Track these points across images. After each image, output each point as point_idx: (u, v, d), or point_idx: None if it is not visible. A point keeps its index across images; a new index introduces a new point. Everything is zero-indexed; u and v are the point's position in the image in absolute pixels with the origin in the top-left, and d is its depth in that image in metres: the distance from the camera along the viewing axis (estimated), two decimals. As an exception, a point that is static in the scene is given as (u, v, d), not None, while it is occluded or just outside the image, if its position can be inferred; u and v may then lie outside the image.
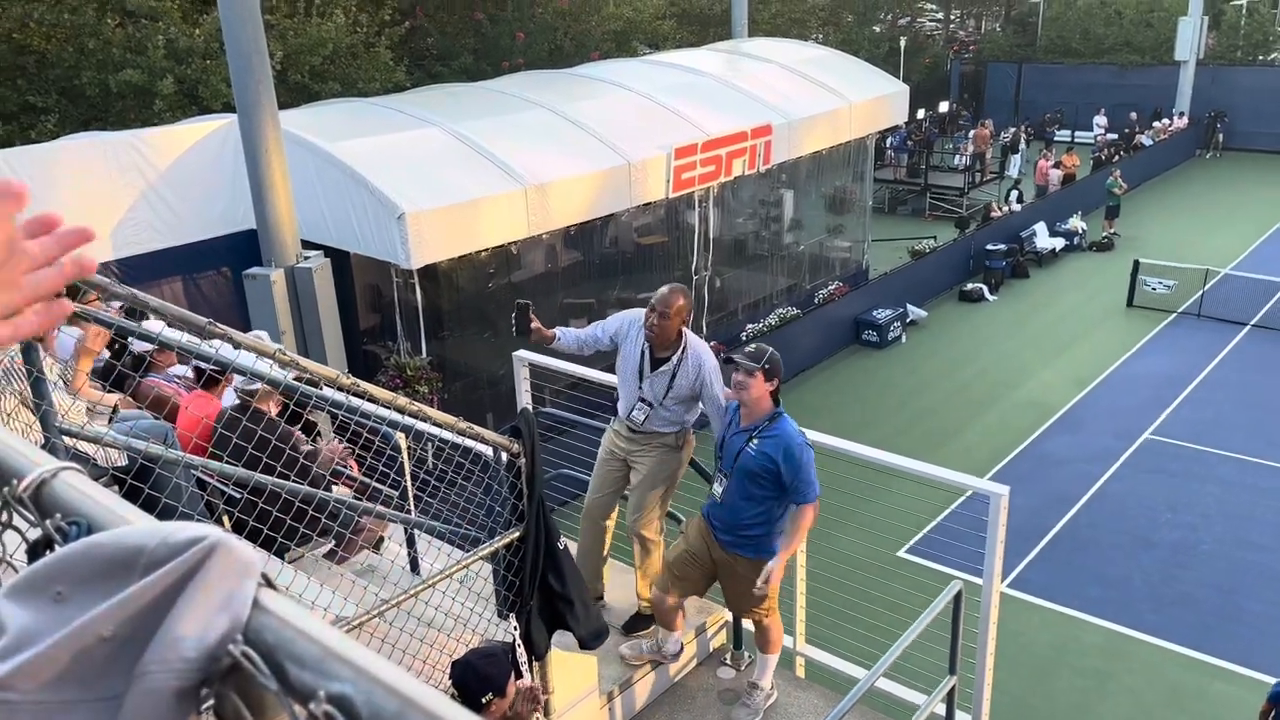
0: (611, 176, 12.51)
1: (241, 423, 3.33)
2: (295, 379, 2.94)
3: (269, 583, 0.59)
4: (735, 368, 4.22)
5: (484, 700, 3.07)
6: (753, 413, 4.28)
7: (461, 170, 11.32)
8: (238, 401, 3.90)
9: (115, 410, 3.71)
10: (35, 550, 0.66)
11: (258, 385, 3.83)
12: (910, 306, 16.99)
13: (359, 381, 2.76)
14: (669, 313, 4.51)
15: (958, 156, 25.15)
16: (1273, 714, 6.71)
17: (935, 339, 16.53)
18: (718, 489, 4.42)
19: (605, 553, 5.04)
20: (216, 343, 2.53)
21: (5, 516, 0.69)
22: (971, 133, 26.11)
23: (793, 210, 17.14)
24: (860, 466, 4.65)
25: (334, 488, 4.31)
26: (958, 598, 4.05)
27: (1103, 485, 11.65)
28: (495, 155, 11.60)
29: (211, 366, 3.98)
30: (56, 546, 0.64)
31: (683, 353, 4.59)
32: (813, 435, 4.51)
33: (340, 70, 16.09)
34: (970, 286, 18.33)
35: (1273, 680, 7.05)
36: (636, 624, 4.94)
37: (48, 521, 0.65)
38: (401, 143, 11.46)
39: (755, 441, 4.23)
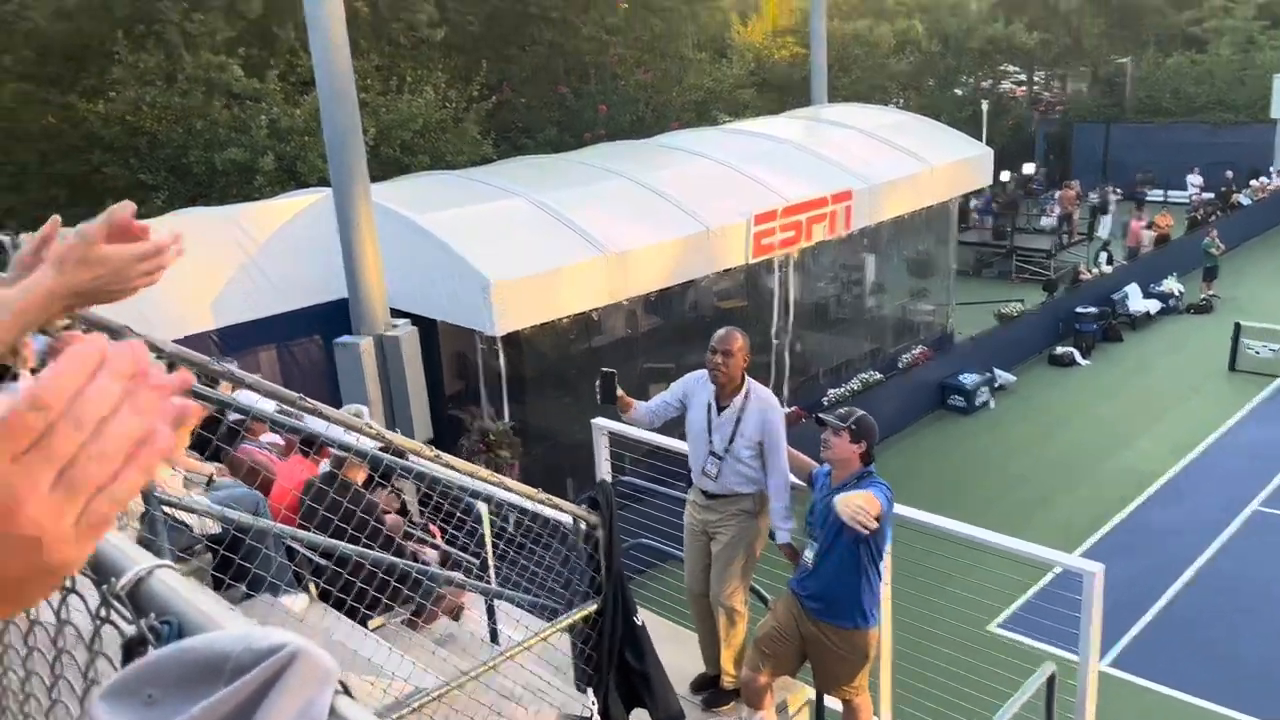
0: (691, 243, 12.63)
1: (328, 493, 3.41)
2: (382, 449, 3.01)
3: (345, 690, 0.61)
4: (822, 427, 4.18)
5: None
6: (842, 473, 4.26)
7: (544, 239, 11.56)
8: (327, 470, 4.00)
9: (211, 480, 3.85)
10: (130, 647, 0.69)
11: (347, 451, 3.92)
12: (998, 371, 16.60)
13: (441, 453, 2.82)
14: (732, 349, 4.57)
15: (1044, 218, 24.72)
16: None
17: (1025, 404, 16.09)
18: (808, 555, 4.35)
19: (714, 629, 4.93)
20: (308, 416, 2.61)
21: (104, 613, 0.72)
22: (1058, 194, 25.66)
23: (875, 274, 17.02)
24: (947, 540, 4.52)
25: (416, 556, 4.36)
26: (1051, 680, 3.88)
27: (1209, 559, 11.09)
28: (577, 224, 11.83)
29: (285, 431, 4.09)
30: (150, 645, 0.67)
31: (746, 397, 4.62)
32: (898, 508, 4.42)
33: (430, 144, 16.68)
34: (1060, 350, 17.85)
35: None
36: (719, 699, 4.85)
37: (142, 621, 0.68)
38: (487, 213, 11.78)
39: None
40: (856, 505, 3.84)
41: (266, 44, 16.47)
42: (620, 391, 4.68)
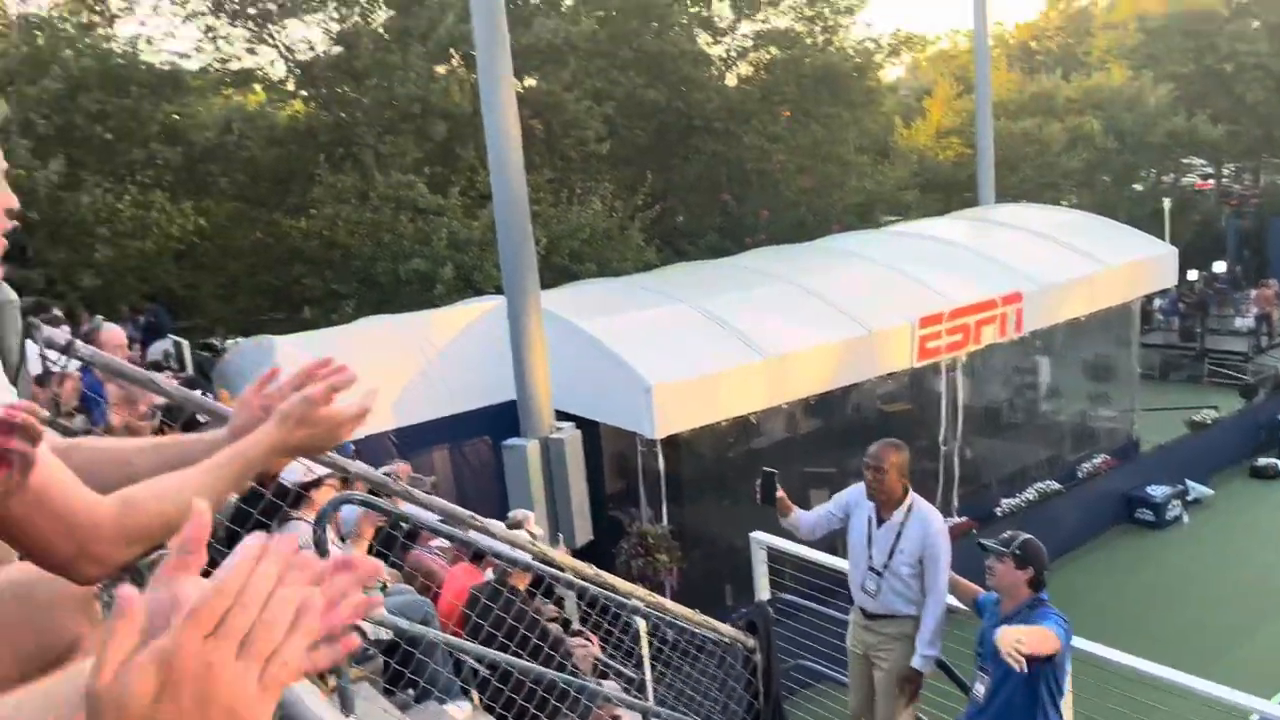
0: (852, 346, 12.50)
1: (493, 605, 3.52)
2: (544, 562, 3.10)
3: None
4: (984, 553, 4.03)
5: None
6: (1010, 603, 4.05)
7: (705, 343, 11.71)
8: (492, 580, 4.13)
9: (385, 585, 4.04)
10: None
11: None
12: (1191, 483, 15.41)
13: (601, 572, 2.88)
14: (884, 465, 4.50)
15: (1239, 318, 23.13)
16: None
17: (1223, 520, 14.81)
18: (979, 690, 4.11)
19: None
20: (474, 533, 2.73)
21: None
22: (1254, 293, 24.01)
23: (1050, 378, 16.29)
24: (1131, 680, 4.20)
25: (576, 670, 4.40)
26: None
27: None
28: (737, 328, 11.94)
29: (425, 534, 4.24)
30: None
31: (909, 512, 4.51)
32: (1077, 643, 4.15)
33: (596, 251, 17.33)
34: (1263, 462, 16.42)
35: None
36: None
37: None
38: (650, 318, 12.06)
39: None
40: (1015, 639, 3.63)
41: (449, 163, 17.68)
42: (781, 493, 4.66)
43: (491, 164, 9.91)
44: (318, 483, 4.06)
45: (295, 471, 3.57)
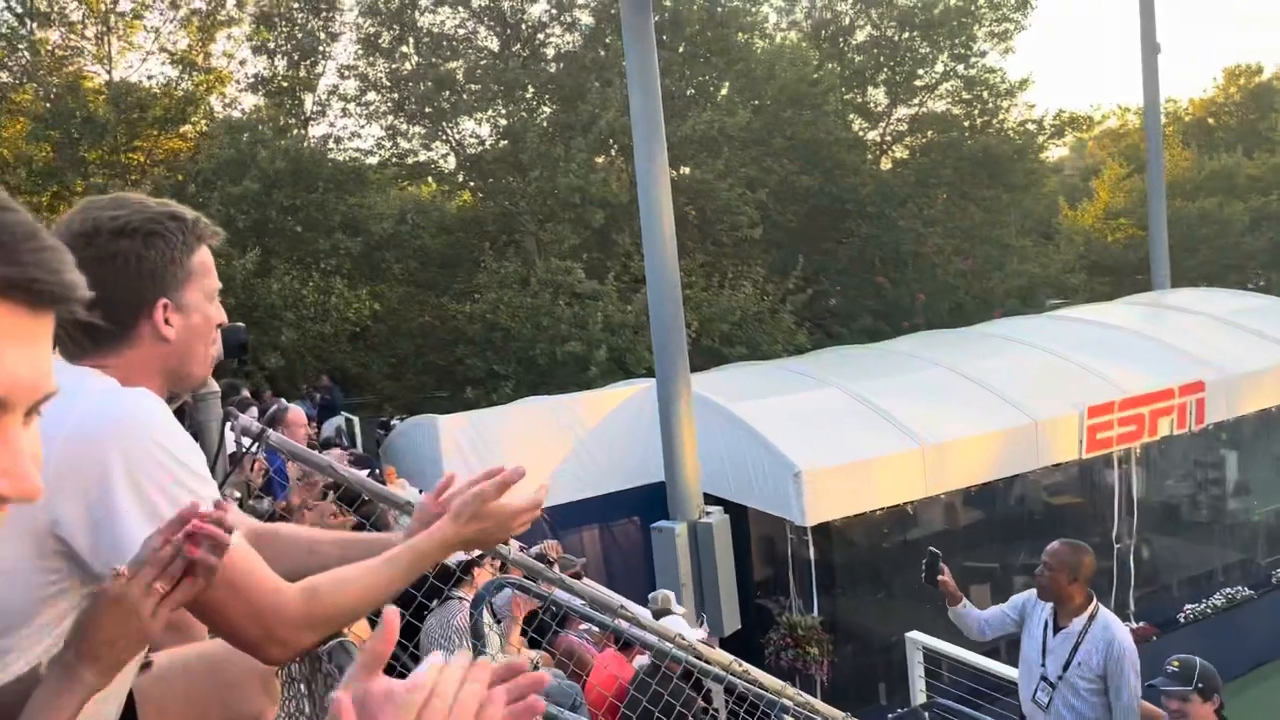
0: (1015, 436, 11.99)
1: (652, 686, 3.52)
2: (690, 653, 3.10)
3: None
4: (1163, 694, 3.70)
5: None
6: None
7: (858, 429, 11.49)
8: (650, 663, 4.13)
9: (536, 667, 4.09)
10: None
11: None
12: None
13: (750, 668, 2.85)
14: (1052, 563, 4.27)
15: None
16: None
17: None
18: None
19: None
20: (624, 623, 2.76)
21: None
22: None
23: (1237, 474, 15.09)
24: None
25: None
26: None
27: None
28: (892, 414, 11.67)
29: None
30: None
31: (1090, 620, 4.20)
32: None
33: (746, 335, 17.41)
34: None
35: None
36: None
37: None
38: (800, 402, 11.95)
39: None
40: None
41: (605, 249, 18.29)
42: (947, 576, 4.55)
43: (646, 248, 10.20)
44: (476, 562, 4.21)
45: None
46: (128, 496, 1.15)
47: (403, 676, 0.75)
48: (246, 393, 9.26)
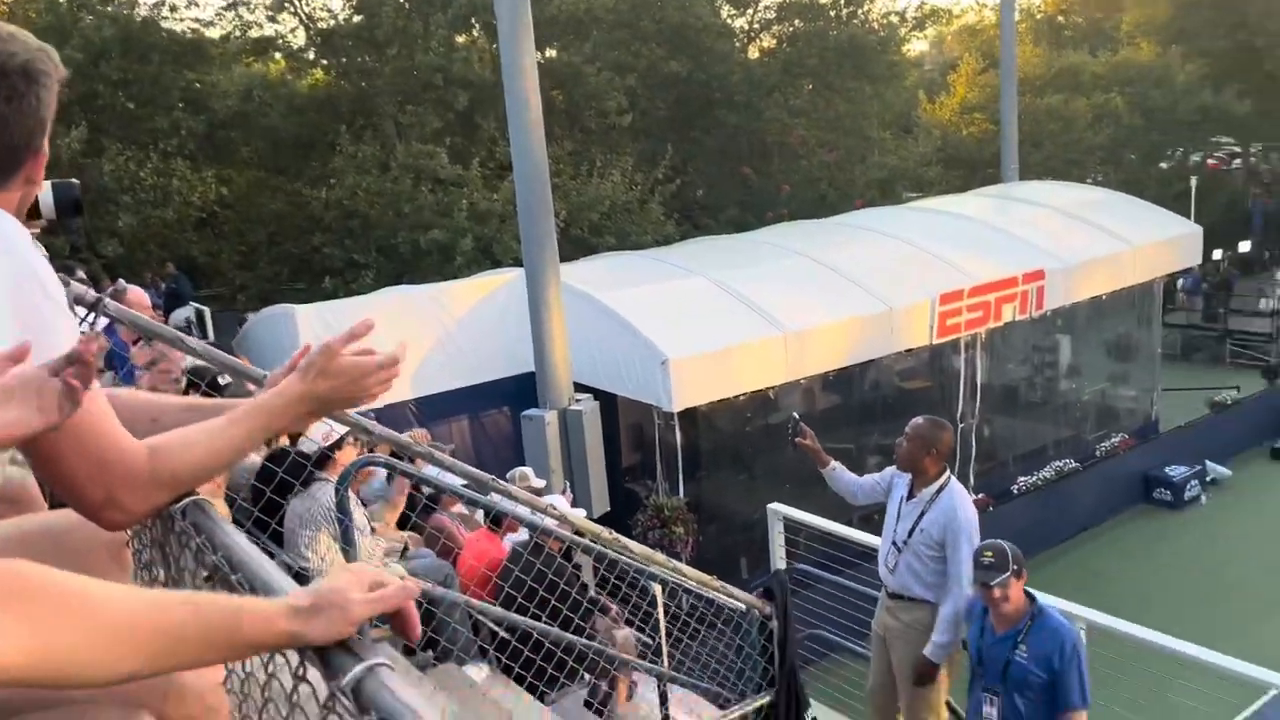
0: (872, 322, 12.45)
1: (532, 562, 3.55)
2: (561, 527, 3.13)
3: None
4: (979, 581, 3.82)
5: None
6: (1007, 613, 3.86)
7: (723, 317, 11.69)
8: (528, 539, 4.16)
9: (406, 549, 4.09)
10: (354, 742, 0.78)
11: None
12: (1210, 464, 15.32)
13: (620, 537, 2.90)
14: (912, 434, 4.49)
15: (1263, 300, 22.86)
16: None
17: (1242, 502, 14.73)
18: (989, 712, 3.91)
19: None
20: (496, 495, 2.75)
21: (330, 704, 0.82)
22: (1279, 274, 23.74)
23: (1070, 357, 16.17)
24: (1150, 653, 4.19)
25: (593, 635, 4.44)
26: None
27: None
28: (756, 302, 11.91)
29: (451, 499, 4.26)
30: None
31: (938, 492, 4.44)
32: (1092, 614, 4.15)
33: (616, 224, 17.30)
34: (1285, 443, 16.31)
35: None
36: None
37: (365, 719, 0.76)
38: (668, 291, 12.05)
39: (1023, 647, 3.79)
40: None
41: (469, 134, 17.66)
42: (809, 440, 4.69)
43: (512, 135, 9.90)
44: (340, 444, 4.10)
45: (319, 434, 3.60)
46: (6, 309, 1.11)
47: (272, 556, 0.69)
48: (83, 275, 8.64)
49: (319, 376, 1.33)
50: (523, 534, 4.27)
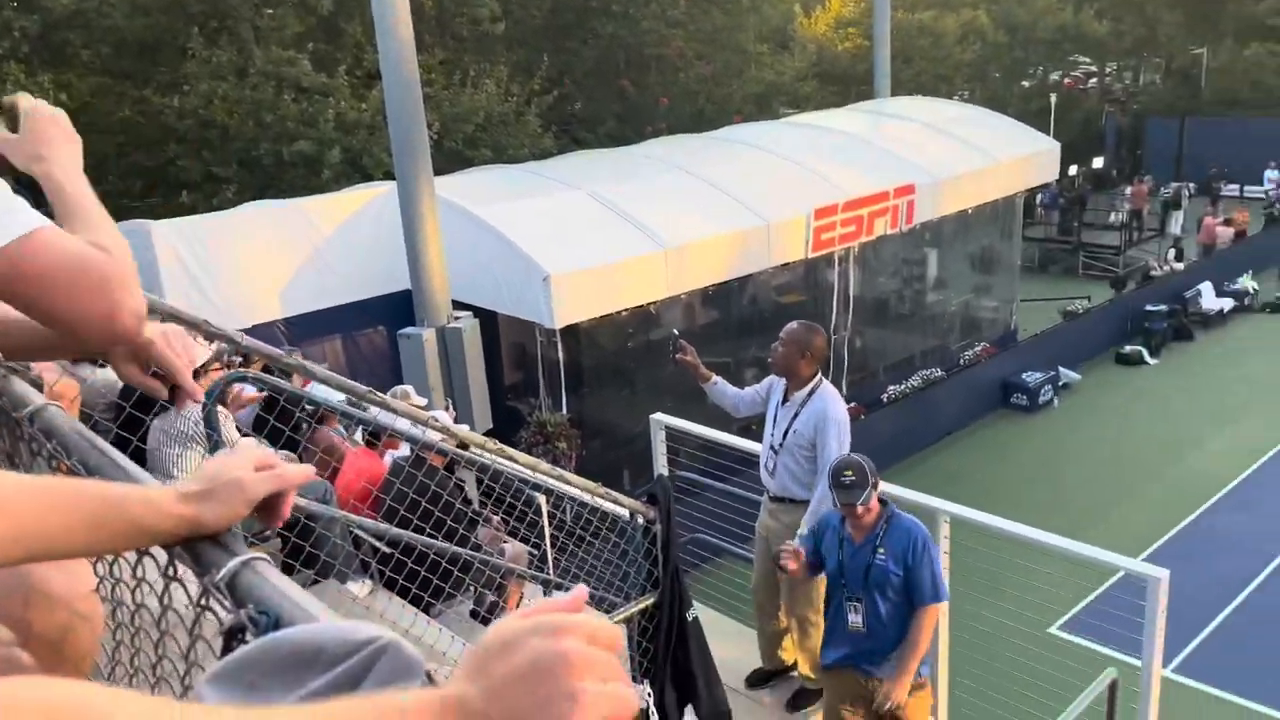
0: (750, 237, 12.60)
1: (414, 475, 3.49)
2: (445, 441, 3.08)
3: (432, 681, 0.65)
4: (844, 502, 3.86)
5: None
6: (864, 523, 3.96)
7: (603, 233, 11.63)
8: (410, 455, 4.09)
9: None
10: (230, 635, 0.74)
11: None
12: (1063, 369, 16.28)
13: (504, 447, 2.87)
14: (786, 339, 4.57)
15: (1114, 214, 24.16)
16: None
17: (1090, 404, 15.76)
18: (855, 620, 4.01)
19: (781, 629, 4.92)
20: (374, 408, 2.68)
21: (205, 601, 0.77)
22: (1129, 189, 25.06)
23: (937, 269, 16.79)
24: (1008, 542, 4.46)
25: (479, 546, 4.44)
26: (1113, 685, 3.83)
27: (1278, 566, 10.78)
28: (636, 218, 11.88)
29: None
30: (249, 634, 0.72)
31: (810, 394, 4.55)
32: (955, 508, 4.38)
33: (491, 137, 16.85)
34: (1128, 349, 17.44)
35: None
36: (801, 699, 4.83)
37: (242, 611, 0.73)
38: (547, 206, 11.87)
39: (881, 550, 3.92)
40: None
41: (334, 39, 16.78)
42: (684, 357, 4.70)
43: (380, 41, 9.43)
44: (206, 367, 3.93)
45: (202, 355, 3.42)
46: None
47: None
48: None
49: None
50: (404, 450, 4.20)
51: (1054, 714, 3.83)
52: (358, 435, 5.02)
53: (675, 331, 4.73)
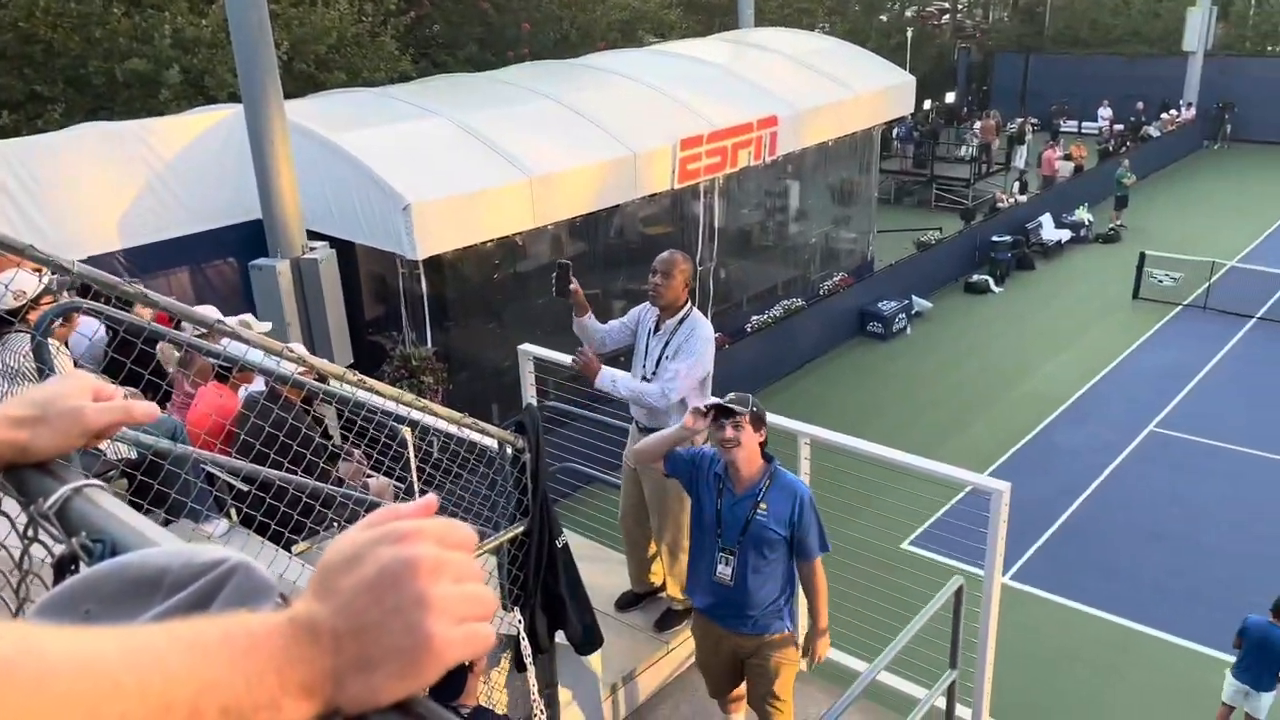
0: (616, 167, 12.52)
1: (269, 409, 3.35)
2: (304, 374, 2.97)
3: (285, 601, 0.61)
4: (717, 424, 3.75)
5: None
6: (747, 473, 3.85)
7: (466, 161, 11.33)
8: (265, 389, 3.92)
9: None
10: (61, 566, 0.68)
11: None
12: (915, 298, 16.99)
13: (365, 378, 2.79)
14: (671, 270, 4.50)
15: (964, 148, 25.10)
16: (1242, 647, 7.28)
17: (940, 331, 16.53)
18: (724, 571, 3.92)
19: (650, 554, 4.98)
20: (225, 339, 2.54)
21: (32, 532, 0.71)
22: (978, 124, 26.05)
23: (798, 202, 17.13)
24: (863, 461, 4.66)
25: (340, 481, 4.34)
26: (959, 593, 4.08)
27: (1108, 478, 11.67)
28: (500, 146, 11.61)
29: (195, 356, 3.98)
30: (82, 564, 0.66)
31: (681, 321, 4.55)
32: (815, 430, 4.53)
33: (346, 60, 16.07)
34: (976, 278, 18.32)
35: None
36: (670, 620, 4.94)
37: (73, 540, 0.67)
38: (406, 133, 11.47)
39: (763, 505, 3.84)
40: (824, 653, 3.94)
41: (169, -53, 15.53)
42: (576, 286, 4.61)
43: (219, -51, 8.80)
44: (37, 300, 3.66)
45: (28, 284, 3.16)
46: None
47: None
48: None
49: None
50: (259, 384, 4.03)
51: (905, 623, 4.05)
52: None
53: (561, 261, 4.58)
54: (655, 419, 4.60)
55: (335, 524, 3.75)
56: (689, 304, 4.60)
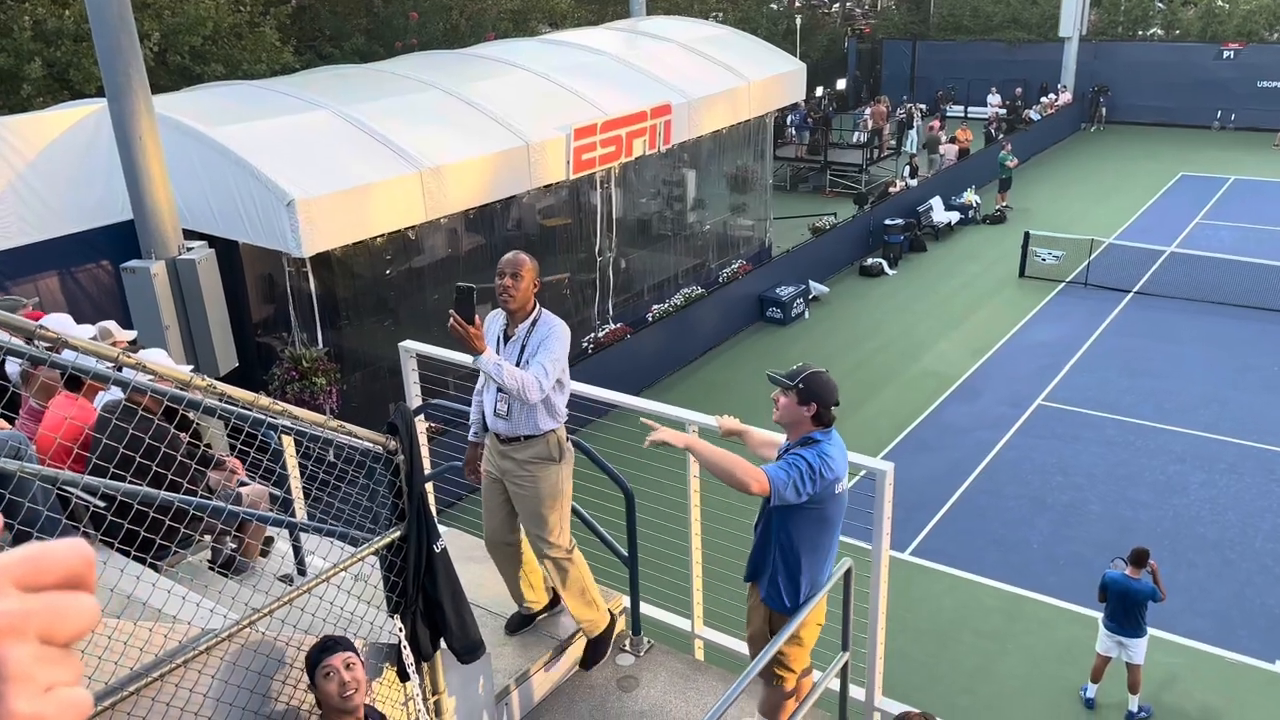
0: (510, 158, 12.34)
1: (125, 421, 3.14)
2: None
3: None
4: (772, 385, 4.09)
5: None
6: (792, 436, 4.11)
7: (353, 154, 11.02)
8: (121, 401, 3.69)
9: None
10: None
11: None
12: (812, 283, 17.24)
13: (215, 383, 2.63)
14: (520, 271, 4.11)
15: (856, 133, 25.56)
16: (1107, 601, 7.67)
17: (837, 314, 16.82)
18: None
19: (522, 571, 4.62)
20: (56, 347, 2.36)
21: None
22: (868, 110, 26.57)
23: (695, 190, 17.20)
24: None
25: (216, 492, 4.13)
26: (847, 574, 4.10)
27: (998, 452, 12.04)
28: (388, 138, 11.33)
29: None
30: None
31: (534, 324, 4.19)
32: (702, 418, 4.51)
33: (223, 51, 15.48)
34: (870, 261, 18.69)
35: (1158, 634, 7.43)
36: (597, 651, 4.70)
37: None
38: (289, 127, 11.09)
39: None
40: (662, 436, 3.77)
41: (25, -66, 14.69)
42: (479, 320, 3.97)
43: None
44: None
45: None
46: None
47: None
48: None
49: None
50: (116, 393, 3.80)
51: (801, 605, 4.05)
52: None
53: (460, 284, 3.89)
54: (517, 426, 4.23)
55: (205, 538, 3.56)
56: (537, 305, 4.26)
